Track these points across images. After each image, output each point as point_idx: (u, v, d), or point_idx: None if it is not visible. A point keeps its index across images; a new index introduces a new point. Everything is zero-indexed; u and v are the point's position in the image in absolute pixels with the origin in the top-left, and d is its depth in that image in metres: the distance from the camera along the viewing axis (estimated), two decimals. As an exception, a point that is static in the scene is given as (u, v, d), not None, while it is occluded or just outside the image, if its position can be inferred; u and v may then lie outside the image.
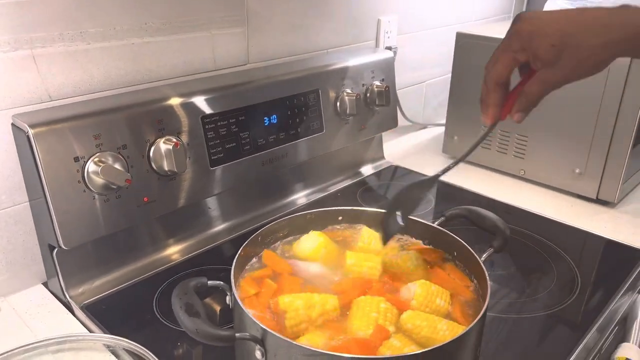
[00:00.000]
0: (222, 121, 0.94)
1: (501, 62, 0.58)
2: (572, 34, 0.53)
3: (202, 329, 0.54)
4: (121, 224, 0.84)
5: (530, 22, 0.56)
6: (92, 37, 0.85)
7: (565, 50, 0.54)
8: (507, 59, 0.58)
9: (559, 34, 0.54)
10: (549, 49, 0.54)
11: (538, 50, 0.55)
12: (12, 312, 0.83)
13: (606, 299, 0.87)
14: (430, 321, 0.60)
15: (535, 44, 0.55)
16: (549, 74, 0.56)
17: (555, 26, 0.54)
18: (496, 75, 0.59)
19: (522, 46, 0.56)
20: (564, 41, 0.54)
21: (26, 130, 0.73)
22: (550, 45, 0.54)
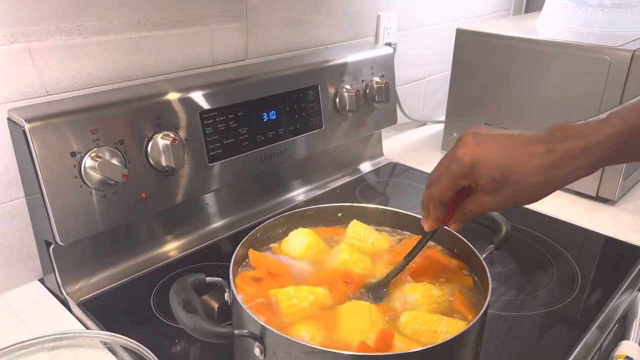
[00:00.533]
0: (220, 117, 0.93)
1: (444, 185, 0.61)
2: (511, 171, 0.56)
3: (200, 325, 0.53)
4: (119, 220, 0.83)
5: (472, 149, 0.58)
6: (89, 30, 0.84)
7: (505, 184, 0.56)
8: (450, 184, 0.60)
9: (499, 170, 0.56)
10: (490, 182, 0.57)
11: (479, 180, 0.58)
12: (8, 309, 0.82)
13: (606, 296, 0.87)
14: (429, 324, 0.60)
15: (477, 174, 0.57)
16: (487, 199, 0.59)
17: (496, 159, 0.56)
18: (439, 197, 0.62)
19: (463, 174, 0.58)
20: (504, 177, 0.56)
21: (22, 124, 0.72)
22: (491, 179, 0.57)
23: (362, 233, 0.75)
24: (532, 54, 1.21)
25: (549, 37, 1.22)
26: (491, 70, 1.29)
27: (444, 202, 0.62)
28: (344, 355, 0.52)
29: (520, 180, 0.56)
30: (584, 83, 1.14)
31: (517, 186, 0.56)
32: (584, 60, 1.14)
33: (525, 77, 1.23)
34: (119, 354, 0.72)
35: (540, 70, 1.20)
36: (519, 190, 0.56)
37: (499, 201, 0.58)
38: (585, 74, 1.14)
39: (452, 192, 0.61)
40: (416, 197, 1.21)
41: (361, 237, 0.75)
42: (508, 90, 1.27)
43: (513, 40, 1.25)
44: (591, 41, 1.16)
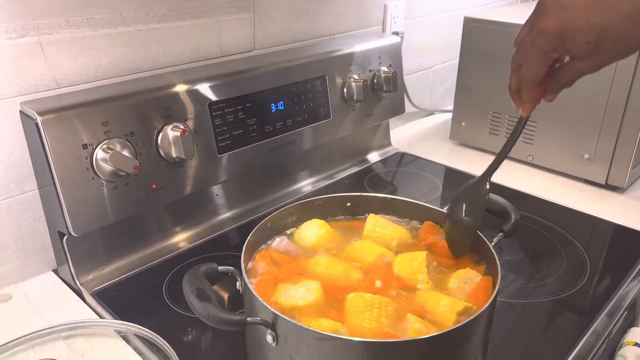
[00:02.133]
0: (228, 108, 0.93)
1: (534, 65, 0.56)
2: (609, 28, 0.49)
3: (213, 313, 0.54)
4: (130, 211, 0.84)
5: (558, 17, 0.52)
6: (99, 23, 0.84)
7: (603, 46, 0.51)
8: (541, 62, 0.55)
9: (594, 30, 0.50)
10: (585, 46, 0.51)
11: (573, 49, 0.52)
12: (24, 299, 0.83)
13: (615, 284, 0.87)
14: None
15: (569, 43, 0.52)
16: (584, 64, 0.54)
17: (588, 20, 0.50)
18: (532, 78, 0.58)
19: (554, 47, 0.53)
20: (602, 36, 0.50)
21: (35, 117, 0.73)
22: (587, 43, 0.51)
23: (382, 222, 0.76)
24: (540, 41, 1.20)
25: (558, 24, 1.21)
26: (499, 58, 1.28)
27: (537, 83, 0.58)
28: (354, 342, 0.53)
29: (617, 37, 0.50)
30: (593, 70, 1.13)
31: (616, 44, 0.51)
32: (593, 47, 1.13)
33: (534, 65, 1.22)
34: (133, 343, 0.74)
35: (548, 58, 1.19)
36: (619, 47, 0.51)
37: (596, 64, 0.53)
38: (594, 61, 1.13)
39: (544, 70, 0.56)
40: (425, 187, 1.21)
41: (381, 224, 0.76)
42: (516, 78, 1.26)
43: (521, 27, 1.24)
44: (600, 28, 1.15)
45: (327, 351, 0.53)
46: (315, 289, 0.64)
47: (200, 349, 0.74)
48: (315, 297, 0.63)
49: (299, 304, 0.63)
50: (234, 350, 0.72)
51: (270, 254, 0.71)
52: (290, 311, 0.61)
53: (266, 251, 0.72)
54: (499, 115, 1.32)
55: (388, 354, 0.53)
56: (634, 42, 0.51)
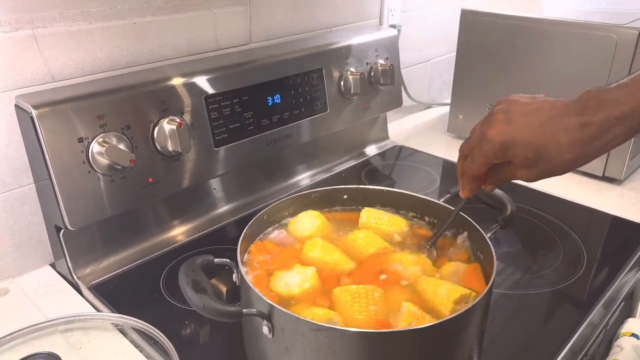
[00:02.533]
0: (225, 101, 0.93)
1: (477, 164, 0.62)
2: (544, 149, 0.56)
3: (209, 305, 0.54)
4: (127, 205, 0.84)
5: (502, 129, 0.58)
6: (94, 16, 0.84)
7: (539, 161, 0.57)
8: (483, 162, 0.61)
9: (531, 148, 0.56)
10: (524, 160, 0.58)
11: (513, 159, 0.59)
12: (21, 293, 0.83)
13: (612, 275, 0.87)
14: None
15: (510, 154, 0.58)
16: (523, 172, 0.60)
17: (527, 138, 0.56)
18: (473, 172, 0.63)
19: (496, 155, 0.59)
20: (538, 155, 0.56)
21: (29, 111, 0.73)
22: (525, 158, 0.57)
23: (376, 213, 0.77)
24: (537, 33, 1.20)
25: (555, 16, 1.21)
26: (497, 51, 1.28)
27: (477, 176, 0.64)
28: (350, 332, 0.53)
29: (553, 157, 0.56)
30: (590, 62, 1.13)
31: (551, 163, 0.56)
32: (590, 38, 1.13)
33: (531, 57, 1.22)
34: (130, 336, 0.74)
35: (546, 49, 1.19)
36: (553, 166, 0.57)
37: (533, 174, 0.59)
38: (591, 52, 1.13)
39: (484, 169, 0.63)
40: (423, 180, 1.21)
41: (376, 215, 0.76)
42: (514, 70, 1.26)
43: (518, 20, 1.24)
44: (597, 19, 1.14)
45: (322, 342, 0.53)
46: (311, 276, 0.65)
47: (197, 342, 0.74)
48: (311, 284, 0.64)
49: (294, 292, 0.63)
50: (231, 343, 0.72)
51: (265, 245, 0.71)
52: (286, 300, 0.62)
53: (261, 242, 0.72)
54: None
55: (383, 344, 0.54)
56: (566, 165, 0.57)
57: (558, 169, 0.58)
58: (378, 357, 0.54)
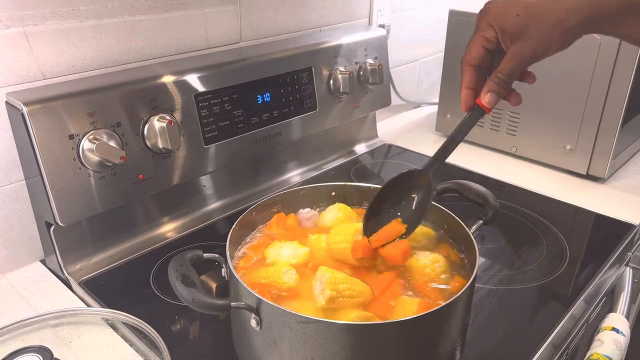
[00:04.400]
0: (215, 99, 0.94)
1: (472, 44, 0.59)
2: (535, 3, 0.54)
3: (198, 298, 0.55)
4: (117, 201, 0.85)
5: (496, 3, 0.57)
6: (84, 14, 0.85)
7: (531, 20, 0.54)
8: (477, 39, 0.59)
9: (523, 5, 0.55)
10: (515, 20, 0.55)
11: (504, 24, 0.56)
12: (11, 289, 0.84)
13: (594, 271, 0.89)
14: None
15: (501, 18, 0.56)
16: (517, 47, 0.56)
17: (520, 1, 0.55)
18: (468, 57, 0.60)
19: (489, 23, 0.57)
20: (529, 11, 0.54)
21: (20, 108, 0.74)
22: (515, 15, 0.55)
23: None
24: (524, 34, 1.22)
25: (541, 17, 1.23)
26: (484, 51, 1.30)
27: (472, 63, 0.60)
28: (337, 325, 0.55)
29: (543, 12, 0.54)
30: (574, 63, 1.15)
31: (542, 19, 0.54)
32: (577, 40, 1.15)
33: (517, 57, 1.24)
34: (120, 331, 0.75)
35: (531, 50, 1.21)
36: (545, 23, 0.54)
37: (529, 46, 0.56)
38: (575, 53, 1.14)
39: (480, 49, 0.59)
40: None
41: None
42: (500, 71, 1.28)
43: (505, 21, 1.25)
44: (582, 21, 1.17)
45: (309, 334, 0.55)
46: (302, 254, 0.68)
47: (187, 336, 0.75)
48: (297, 261, 0.67)
49: (280, 260, 0.67)
50: (220, 337, 0.73)
51: (288, 219, 0.76)
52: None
53: (285, 216, 0.77)
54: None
55: (368, 336, 0.55)
56: (558, 19, 0.54)
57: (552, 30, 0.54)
58: (363, 348, 0.55)
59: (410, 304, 0.61)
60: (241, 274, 0.67)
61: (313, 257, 0.70)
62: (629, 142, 1.26)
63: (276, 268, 0.65)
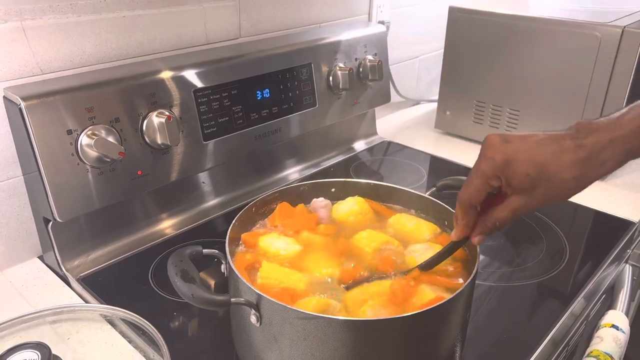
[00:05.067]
0: (214, 95, 0.94)
1: (475, 187, 0.59)
2: (545, 165, 0.55)
3: (197, 294, 0.55)
4: (115, 197, 0.84)
5: (503, 148, 0.56)
6: (82, 9, 0.84)
7: (539, 181, 0.55)
8: (481, 185, 0.58)
9: (533, 165, 0.55)
10: (524, 178, 0.55)
11: (513, 179, 0.56)
12: (9, 285, 0.83)
13: (593, 268, 0.89)
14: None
15: (510, 171, 0.56)
16: (519, 201, 0.57)
17: (528, 155, 0.55)
18: (469, 199, 0.59)
19: (496, 173, 0.57)
20: (539, 171, 0.55)
21: (18, 102, 0.73)
22: (526, 175, 0.55)
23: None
24: (524, 31, 1.22)
25: (541, 14, 1.23)
26: (484, 48, 1.30)
27: (473, 205, 0.60)
28: (337, 321, 0.54)
29: (554, 175, 0.55)
30: (575, 59, 1.15)
31: (551, 182, 0.55)
32: (574, 36, 1.15)
33: (518, 54, 1.24)
34: (119, 327, 0.74)
35: (532, 46, 1.21)
36: (553, 186, 0.55)
37: (532, 202, 0.57)
38: (576, 50, 1.15)
39: (483, 194, 0.59)
40: (411, 175, 1.22)
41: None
42: (501, 67, 1.28)
43: (505, 17, 1.25)
44: (582, 18, 1.16)
45: (309, 330, 0.54)
46: (292, 250, 0.69)
47: (186, 333, 0.75)
48: (287, 254, 0.68)
49: (270, 250, 0.69)
50: (220, 333, 0.73)
51: (294, 210, 0.76)
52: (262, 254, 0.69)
53: (293, 207, 0.77)
54: (483, 105, 1.34)
55: (369, 332, 0.55)
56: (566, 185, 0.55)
57: (559, 190, 0.56)
58: (364, 344, 0.55)
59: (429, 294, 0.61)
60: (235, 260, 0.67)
61: (309, 251, 0.70)
62: (629, 139, 1.26)
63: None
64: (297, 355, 0.57)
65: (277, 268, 0.65)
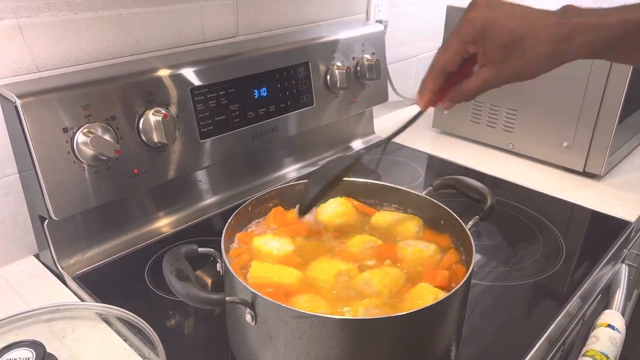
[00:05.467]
0: (211, 93, 0.94)
1: (451, 50, 0.58)
2: (523, 37, 0.55)
3: (192, 292, 0.55)
4: (112, 196, 0.84)
5: (485, 12, 0.56)
6: (79, 6, 0.84)
7: (514, 51, 0.55)
8: (458, 48, 0.58)
9: (511, 35, 0.55)
10: (500, 48, 0.56)
11: (489, 46, 0.56)
12: (4, 283, 0.83)
13: (590, 267, 0.89)
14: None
15: (488, 38, 0.56)
16: (491, 73, 0.58)
17: (508, 24, 0.55)
18: (444, 63, 0.59)
19: (474, 37, 0.57)
20: (515, 43, 0.55)
21: (14, 100, 0.73)
22: (502, 44, 0.55)
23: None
24: (521, 31, 1.22)
25: (539, 14, 1.22)
26: (481, 48, 1.30)
27: (447, 70, 0.60)
28: (332, 320, 0.54)
29: (530, 48, 0.55)
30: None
31: (526, 55, 0.55)
32: (572, 36, 1.15)
33: (515, 54, 1.24)
34: (114, 325, 0.74)
35: (529, 47, 1.21)
36: (527, 59, 0.55)
37: (504, 74, 0.57)
38: (573, 50, 1.15)
39: (458, 59, 0.59)
40: (408, 175, 1.22)
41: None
42: (498, 67, 1.28)
43: (503, 17, 1.25)
44: (580, 18, 1.16)
45: (304, 329, 0.54)
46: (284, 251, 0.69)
47: (182, 332, 0.75)
48: (279, 254, 0.69)
49: (263, 249, 0.69)
50: (215, 332, 0.73)
51: (286, 214, 0.76)
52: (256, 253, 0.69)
53: (285, 211, 0.77)
54: (480, 104, 1.34)
55: (364, 331, 0.55)
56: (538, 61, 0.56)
57: (530, 64, 0.56)
58: (358, 343, 0.55)
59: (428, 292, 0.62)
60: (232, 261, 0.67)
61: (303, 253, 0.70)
62: (626, 139, 1.26)
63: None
64: (292, 354, 0.56)
65: (267, 266, 0.66)
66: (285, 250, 0.70)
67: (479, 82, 0.59)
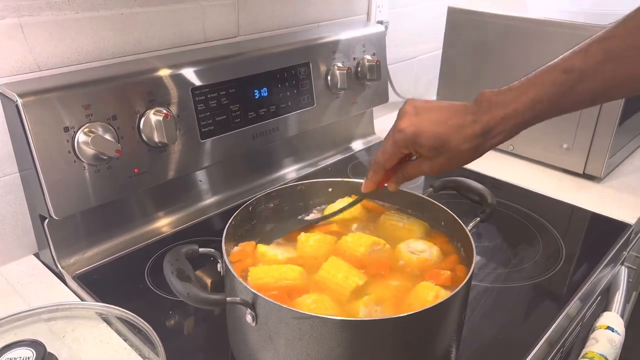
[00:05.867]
0: (212, 93, 0.94)
1: (388, 154, 0.68)
2: (447, 140, 0.63)
3: (193, 293, 0.55)
4: (112, 195, 0.84)
5: (412, 121, 0.65)
6: (80, 6, 0.84)
7: (442, 151, 0.64)
8: (395, 152, 0.67)
9: (437, 140, 0.64)
10: (430, 150, 0.65)
11: (420, 150, 0.66)
12: (4, 282, 0.83)
13: (589, 269, 0.89)
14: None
15: (418, 144, 0.65)
16: (426, 165, 0.67)
17: (434, 130, 0.64)
18: (383, 163, 0.69)
19: (406, 144, 0.66)
20: (442, 145, 0.64)
21: (15, 99, 0.73)
22: (431, 147, 0.64)
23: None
24: (522, 32, 1.22)
25: (540, 16, 1.23)
26: (482, 49, 1.30)
27: (387, 168, 0.70)
28: (333, 321, 0.54)
29: (455, 147, 0.64)
30: (572, 61, 1.15)
31: (452, 152, 0.64)
32: (573, 38, 1.13)
33: (516, 55, 1.24)
34: (114, 325, 0.74)
35: (530, 48, 1.21)
36: (454, 155, 0.64)
37: (436, 166, 0.66)
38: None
39: (395, 160, 0.69)
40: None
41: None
42: (499, 68, 1.28)
43: (504, 18, 1.25)
44: (580, 19, 1.17)
45: (305, 329, 0.54)
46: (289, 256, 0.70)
47: (182, 332, 0.75)
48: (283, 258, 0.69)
49: (269, 254, 0.69)
50: (216, 332, 0.73)
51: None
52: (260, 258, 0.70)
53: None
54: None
55: (364, 332, 0.55)
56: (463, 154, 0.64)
57: (457, 158, 0.65)
58: (359, 344, 0.55)
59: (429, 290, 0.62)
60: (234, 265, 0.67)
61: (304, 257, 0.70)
62: (626, 141, 1.26)
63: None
64: (293, 355, 0.57)
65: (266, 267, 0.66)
66: (289, 256, 0.70)
67: (416, 171, 0.69)
